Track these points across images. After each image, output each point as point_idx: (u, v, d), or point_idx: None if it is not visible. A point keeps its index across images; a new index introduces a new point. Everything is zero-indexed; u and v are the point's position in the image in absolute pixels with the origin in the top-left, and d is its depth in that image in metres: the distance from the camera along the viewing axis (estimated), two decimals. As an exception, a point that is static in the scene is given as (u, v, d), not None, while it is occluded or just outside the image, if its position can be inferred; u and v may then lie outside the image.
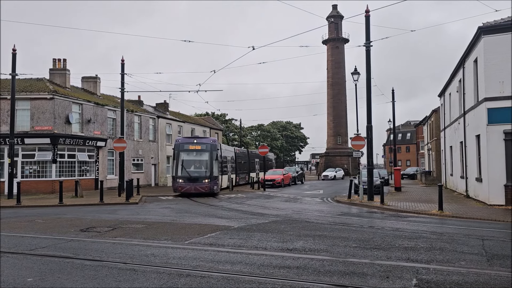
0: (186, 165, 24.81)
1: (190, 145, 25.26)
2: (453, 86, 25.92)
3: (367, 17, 19.22)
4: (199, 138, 26.90)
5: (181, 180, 24.44)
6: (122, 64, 24.85)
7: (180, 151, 25.05)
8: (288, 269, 6.65)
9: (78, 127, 29.32)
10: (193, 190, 24.01)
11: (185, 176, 24.44)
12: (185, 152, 25.13)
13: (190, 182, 24.22)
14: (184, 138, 26.56)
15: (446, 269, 6.61)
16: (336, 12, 69.26)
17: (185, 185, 24.28)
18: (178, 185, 24.48)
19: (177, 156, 25.00)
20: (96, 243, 9.22)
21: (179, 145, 25.31)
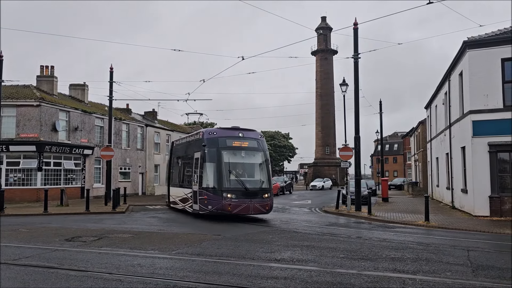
0: (235, 171, 16.13)
1: (234, 140, 16.48)
2: (439, 98, 26.33)
3: (355, 30, 19.49)
4: (243, 130, 17.17)
5: (232, 195, 15.49)
6: (111, 72, 24.74)
7: (220, 149, 16.05)
8: (276, 280, 6.63)
9: (65, 135, 29.00)
10: (251, 210, 15.66)
11: (237, 189, 15.67)
12: (228, 152, 16.21)
13: (247, 198, 15.60)
14: (221, 130, 17.05)
15: (432, 280, 6.66)
16: (325, 24, 70.07)
17: (238, 202, 15.47)
18: (226, 203, 15.38)
19: (212, 156, 16.08)
20: (82, 253, 9.09)
21: (216, 140, 16.30)
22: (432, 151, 30.97)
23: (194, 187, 16.85)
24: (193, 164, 17.33)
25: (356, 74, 19.65)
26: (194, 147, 17.73)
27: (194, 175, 16.92)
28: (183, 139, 21.00)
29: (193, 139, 18.54)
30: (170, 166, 22.29)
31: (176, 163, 21.04)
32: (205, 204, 15.85)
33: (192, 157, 17.58)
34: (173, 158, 21.73)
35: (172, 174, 21.74)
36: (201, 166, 16.32)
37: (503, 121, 16.75)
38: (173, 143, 22.77)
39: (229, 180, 15.84)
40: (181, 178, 19.74)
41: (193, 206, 17.03)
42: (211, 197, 15.71)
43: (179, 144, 21.39)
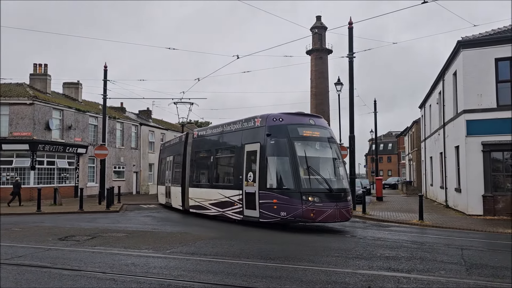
0: (315, 168, 12.73)
1: (305, 128, 13.10)
2: (433, 98, 26.45)
3: (350, 29, 19.51)
4: (311, 116, 14.14)
5: (315, 198, 12.08)
6: (105, 71, 24.60)
7: (292, 139, 12.65)
8: (271, 279, 6.61)
9: (58, 134, 28.83)
10: (338, 217, 12.39)
11: (321, 191, 12.36)
12: (303, 143, 12.85)
13: (332, 202, 12.32)
14: (286, 115, 13.41)
15: (426, 279, 6.68)
16: (320, 23, 70.13)
17: (323, 207, 12.11)
18: (308, 208, 11.94)
19: (281, 149, 12.69)
20: (75, 252, 9.02)
21: (284, 128, 12.89)
22: (426, 150, 31.11)
23: (249, 187, 13.30)
24: (242, 159, 13.84)
25: (351, 74, 19.68)
26: (242, 138, 14.20)
27: (247, 172, 13.47)
28: (209, 129, 17.43)
29: (236, 127, 14.85)
30: (184, 162, 18.42)
31: (200, 158, 17.34)
32: (273, 210, 12.35)
33: (239, 149, 14.15)
34: (191, 153, 17.97)
35: (191, 172, 17.82)
36: (261, 161, 12.91)
37: (496, 121, 16.85)
38: (188, 135, 19.01)
39: (310, 179, 12.36)
40: (211, 177, 16.03)
41: (245, 212, 13.46)
42: (284, 201, 12.14)
43: (202, 136, 17.58)
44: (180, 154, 19.15)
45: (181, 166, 18.76)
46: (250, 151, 13.62)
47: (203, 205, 16.27)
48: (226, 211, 14.63)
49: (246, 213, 13.49)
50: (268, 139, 12.91)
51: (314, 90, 70.93)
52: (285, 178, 12.52)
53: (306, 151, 12.77)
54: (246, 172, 13.57)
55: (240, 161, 14.03)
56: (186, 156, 18.36)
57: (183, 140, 19.29)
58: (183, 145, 18.94)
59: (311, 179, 12.40)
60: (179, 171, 19.16)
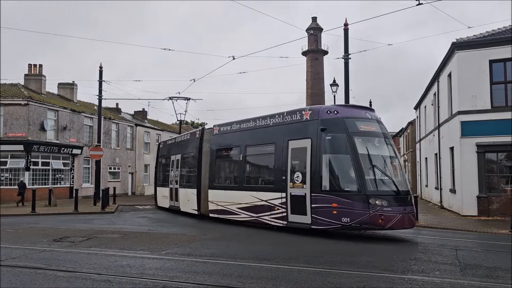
0: (380, 168, 11.33)
1: (363, 123, 11.71)
2: (428, 99, 26.58)
3: (346, 30, 19.52)
4: (364, 108, 12.81)
5: (383, 201, 10.62)
6: (100, 71, 24.53)
7: (351, 134, 11.24)
8: (266, 280, 6.62)
9: (53, 134, 28.71)
10: (406, 222, 10.92)
11: (388, 193, 10.97)
12: (363, 139, 11.45)
13: (400, 206, 10.87)
14: (341, 107, 12.31)
15: (421, 279, 6.71)
16: (315, 24, 70.29)
17: (392, 212, 10.63)
18: (376, 214, 10.43)
19: (339, 145, 11.34)
20: (70, 253, 8.99)
21: (341, 122, 11.44)
22: (421, 151, 31.25)
23: (296, 190, 11.75)
24: (284, 157, 12.27)
25: (347, 75, 19.67)
26: (284, 133, 12.57)
27: (293, 172, 11.93)
28: (235, 124, 15.15)
29: (275, 122, 13.14)
30: (200, 162, 16.58)
31: (223, 156, 15.64)
32: (332, 216, 10.79)
33: (280, 147, 12.55)
34: (211, 152, 15.97)
35: (211, 172, 15.79)
36: (314, 159, 11.35)
37: (491, 122, 16.97)
38: (204, 131, 17.18)
39: (375, 180, 10.97)
40: (241, 178, 14.21)
41: (290, 217, 11.91)
42: (347, 205, 10.66)
43: (226, 132, 15.49)
44: (194, 152, 17.34)
45: (195, 166, 16.98)
46: (297, 148, 12.02)
47: (229, 210, 14.48)
48: (262, 216, 12.97)
49: (292, 218, 11.85)
50: (322, 134, 11.36)
51: (310, 91, 71.04)
52: (347, 179, 11.09)
53: (368, 148, 11.31)
54: (291, 172, 12.03)
55: (282, 159, 12.42)
56: (203, 155, 16.55)
57: (197, 137, 17.31)
58: (198, 142, 17.00)
59: (376, 180, 11.00)
60: (192, 172, 17.47)
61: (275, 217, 12.53)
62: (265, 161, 13.74)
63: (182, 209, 18.34)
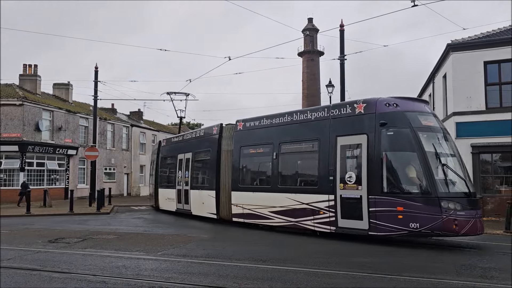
0: (450, 167, 10.30)
1: (424, 117, 10.68)
2: (423, 100, 26.67)
3: (342, 31, 19.59)
4: (423, 101, 11.98)
5: (456, 205, 9.54)
6: (96, 72, 24.48)
7: (415, 130, 10.16)
8: (262, 281, 6.63)
9: (48, 135, 28.59)
10: (479, 228, 9.80)
11: (460, 196, 9.91)
12: (428, 135, 10.46)
13: (473, 210, 9.81)
14: (399, 100, 10.88)
15: (416, 280, 6.74)
16: (311, 25, 70.42)
17: (466, 216, 9.55)
18: (450, 218, 9.36)
19: (404, 142, 10.29)
20: (65, 254, 8.95)
21: (403, 117, 10.41)
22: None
23: (348, 191, 10.61)
24: (332, 155, 11.09)
25: (342, 76, 19.75)
26: (330, 128, 11.34)
27: (344, 172, 10.79)
28: (265, 119, 13.77)
29: (319, 116, 11.87)
30: (219, 161, 15.28)
31: (251, 155, 14.15)
32: (397, 221, 9.72)
33: (325, 143, 11.35)
34: (234, 150, 14.56)
35: (234, 172, 14.40)
36: (372, 157, 10.27)
37: (485, 123, 17.05)
38: (223, 127, 15.78)
39: (446, 180, 9.98)
40: (274, 178, 12.93)
41: (340, 222, 10.79)
42: (415, 209, 9.55)
43: (254, 128, 14.11)
44: (210, 151, 15.89)
45: (213, 166, 15.58)
46: (349, 145, 10.97)
47: (259, 214, 13.19)
48: (303, 221, 11.81)
49: (343, 223, 10.72)
50: (382, 129, 10.25)
51: (305, 92, 71.14)
52: (415, 179, 10.00)
53: (434, 144, 10.29)
54: (341, 171, 10.86)
55: (328, 158, 11.22)
56: (222, 153, 15.25)
57: (214, 133, 15.85)
58: (216, 139, 15.56)
59: (447, 180, 9.99)
60: (208, 172, 16.16)
61: (320, 222, 11.31)
62: (306, 160, 12.53)
63: (194, 213, 16.87)
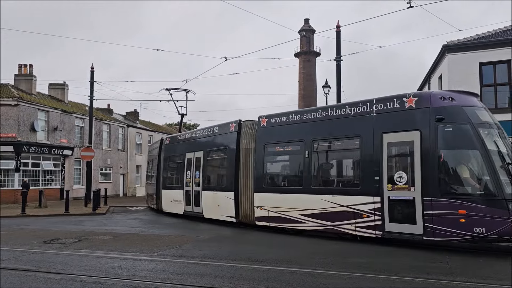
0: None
1: (481, 112, 9.98)
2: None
3: (338, 32, 19.63)
4: (476, 95, 10.96)
5: None
6: (92, 72, 24.40)
7: (476, 126, 9.42)
8: (258, 281, 6.63)
9: (44, 135, 28.47)
10: None
11: None
12: (489, 131, 9.77)
13: None
14: (454, 93, 10.24)
15: (411, 280, 6.76)
16: (308, 26, 70.53)
17: None
18: None
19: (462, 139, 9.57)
20: (61, 255, 8.92)
21: (461, 112, 9.66)
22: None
23: (397, 193, 9.77)
24: (377, 153, 10.23)
25: (339, 76, 19.78)
26: (375, 124, 10.44)
27: (393, 171, 10.02)
28: (293, 114, 12.64)
29: (360, 111, 10.84)
30: (237, 160, 14.18)
31: (276, 153, 13.13)
32: (458, 225, 8.97)
33: (369, 140, 10.45)
34: (256, 148, 13.42)
35: (257, 172, 13.30)
36: (427, 155, 9.51)
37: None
38: (241, 124, 14.61)
39: (511, 181, 9.10)
40: (306, 178, 11.83)
41: (388, 226, 9.87)
42: (480, 212, 8.80)
43: (279, 124, 12.91)
44: (228, 149, 14.80)
45: (230, 165, 14.48)
46: (398, 142, 10.15)
47: (288, 217, 12.08)
48: (341, 225, 10.85)
49: (391, 227, 9.85)
50: (439, 125, 9.44)
51: (302, 93, 71.24)
52: (478, 179, 9.22)
53: (496, 142, 9.54)
54: (388, 171, 10.04)
55: (372, 156, 10.35)
56: (241, 151, 14.16)
57: (232, 130, 14.75)
58: (234, 137, 14.47)
59: None
60: (225, 172, 15.03)
61: (362, 226, 10.40)
62: (345, 158, 11.72)
63: (207, 216, 15.58)
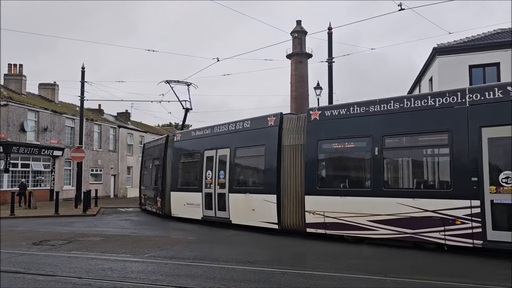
0: None
1: None
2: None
3: (330, 34, 19.72)
4: None
5: None
6: (83, 72, 24.26)
7: None
8: (249, 282, 6.63)
9: (34, 136, 28.19)
10: None
11: None
12: None
13: None
14: None
15: (401, 281, 6.81)
16: (300, 27, 70.73)
17: None
18: None
19: None
20: (50, 257, 8.84)
21: None
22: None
23: (504, 196, 8.60)
24: (474, 150, 9.07)
25: (330, 78, 19.87)
26: (468, 117, 9.22)
27: (499, 170, 8.86)
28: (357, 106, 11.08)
29: (448, 102, 9.55)
30: (279, 159, 12.54)
31: (336, 150, 11.61)
32: None
33: (462, 135, 9.26)
34: (308, 145, 11.82)
35: (310, 172, 11.62)
36: None
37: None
38: (283, 116, 13.11)
39: None
40: (376, 179, 10.43)
41: (490, 234, 8.77)
42: None
43: (339, 117, 11.35)
44: (264, 146, 13.12)
45: (269, 164, 12.83)
46: (502, 137, 8.94)
47: (351, 223, 10.64)
48: (425, 232, 9.58)
49: (495, 236, 8.76)
50: None
51: (294, 94, 71.41)
52: None
53: None
54: (490, 171, 8.92)
55: (468, 153, 9.14)
56: (283, 148, 12.55)
57: (270, 124, 13.05)
58: (273, 132, 12.85)
59: None
60: (262, 172, 13.33)
61: (455, 234, 9.24)
62: (428, 157, 10.51)
63: (236, 221, 13.75)
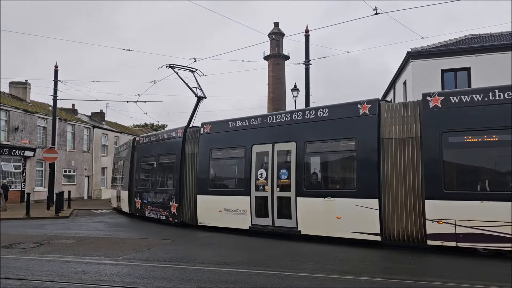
0: None
1: None
2: (384, 105, 27.48)
3: (307, 37, 19.88)
4: None
5: None
6: (56, 71, 23.65)
7: None
8: (225, 283, 6.61)
9: (4, 135, 27.36)
10: None
11: None
12: None
13: None
14: None
15: (377, 280, 6.92)
16: (277, 29, 71.09)
17: None
18: None
19: None
20: (21, 260, 8.59)
21: None
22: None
23: None
24: None
25: (307, 80, 20.01)
26: None
27: None
28: None
29: None
30: (378, 155, 10.12)
31: (472, 144, 9.03)
32: None
33: None
34: (427, 137, 9.48)
35: (435, 169, 9.22)
36: None
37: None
38: (380, 104, 10.49)
39: None
40: None
41: None
42: None
43: (475, 105, 8.85)
44: (355, 139, 10.64)
45: (363, 161, 10.42)
46: None
47: (497, 234, 8.43)
48: None
49: None
50: None
51: (271, 95, 71.68)
52: None
53: None
54: None
55: None
56: (383, 142, 10.13)
57: (360, 113, 10.61)
58: (369, 122, 10.39)
59: None
60: (349, 170, 11.14)
61: None
62: None
63: (307, 232, 11.33)
